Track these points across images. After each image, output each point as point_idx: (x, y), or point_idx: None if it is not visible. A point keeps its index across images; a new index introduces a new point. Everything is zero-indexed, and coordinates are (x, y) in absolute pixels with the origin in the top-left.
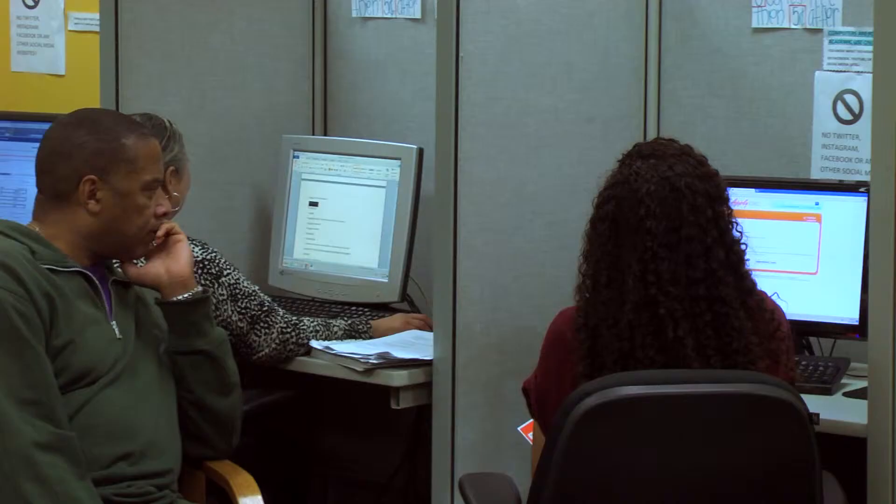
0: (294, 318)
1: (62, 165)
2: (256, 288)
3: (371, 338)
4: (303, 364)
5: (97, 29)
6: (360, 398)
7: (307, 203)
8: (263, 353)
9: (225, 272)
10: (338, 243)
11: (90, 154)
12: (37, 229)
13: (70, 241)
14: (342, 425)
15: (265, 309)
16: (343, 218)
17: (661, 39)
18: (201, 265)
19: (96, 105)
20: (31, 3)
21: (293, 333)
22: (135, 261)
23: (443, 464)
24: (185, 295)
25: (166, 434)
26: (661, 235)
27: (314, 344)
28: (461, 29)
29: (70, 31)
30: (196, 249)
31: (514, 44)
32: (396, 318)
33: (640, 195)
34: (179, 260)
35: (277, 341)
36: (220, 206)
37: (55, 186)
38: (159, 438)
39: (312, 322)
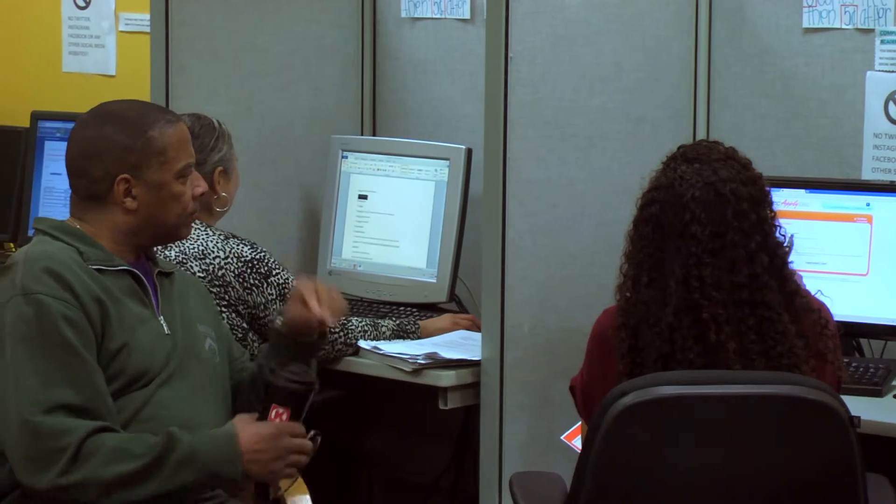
0: (342, 318)
1: (93, 168)
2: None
3: (419, 338)
4: (351, 364)
5: (147, 30)
6: (408, 398)
7: (356, 196)
8: None
9: (274, 272)
10: (387, 236)
11: (120, 153)
12: (79, 226)
13: (113, 239)
14: (390, 425)
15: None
16: (392, 211)
17: (711, 39)
18: (250, 265)
19: None
20: (83, 4)
21: (341, 333)
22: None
23: (490, 464)
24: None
25: (220, 417)
26: (706, 241)
27: (362, 344)
28: (510, 29)
29: (121, 31)
30: (245, 249)
31: (563, 44)
32: (444, 319)
33: (684, 200)
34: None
35: (324, 341)
36: (268, 206)
37: (89, 188)
38: (216, 426)
39: (360, 322)
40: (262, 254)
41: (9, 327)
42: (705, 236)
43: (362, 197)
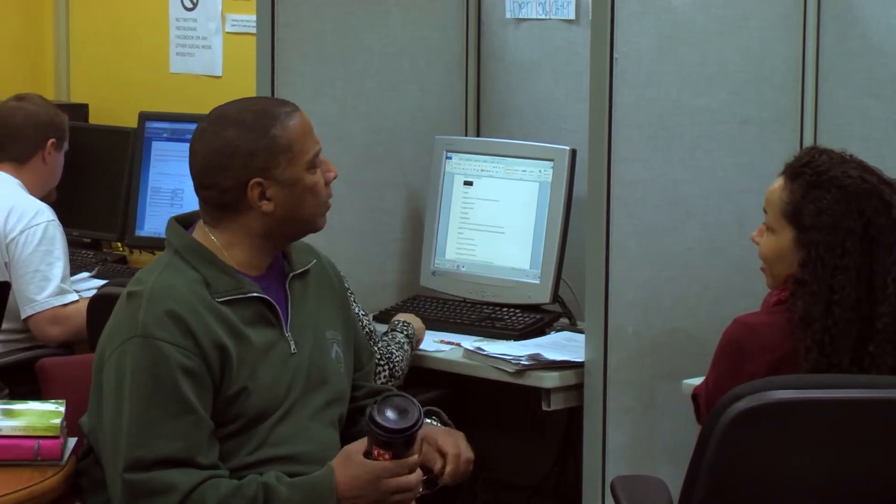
0: (387, 349)
1: (222, 177)
2: (366, 314)
3: (418, 340)
4: (454, 365)
5: (254, 31)
6: (511, 399)
7: (461, 183)
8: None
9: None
10: (492, 222)
11: (246, 158)
12: (212, 237)
13: (249, 245)
14: (492, 426)
15: (366, 331)
16: (496, 210)
17: (819, 40)
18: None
19: None
20: (190, 6)
21: (385, 366)
22: None
23: (593, 466)
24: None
25: (334, 453)
26: None
27: (465, 344)
28: (615, 30)
29: (227, 32)
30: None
31: (669, 44)
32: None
33: (885, 198)
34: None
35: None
36: (372, 206)
37: (221, 198)
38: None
39: (398, 352)
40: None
41: (128, 371)
42: None
43: (468, 183)
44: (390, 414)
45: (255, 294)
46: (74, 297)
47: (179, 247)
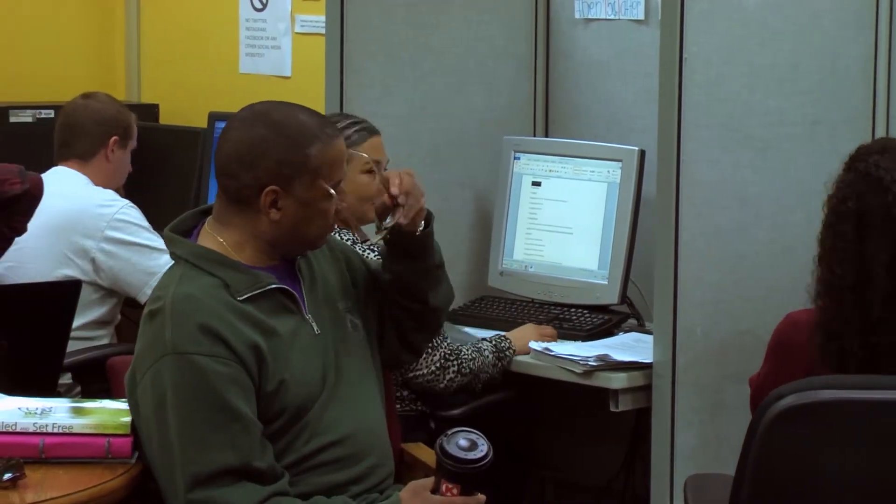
0: (456, 346)
1: (244, 172)
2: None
3: (515, 353)
4: (522, 365)
5: (323, 31)
6: (579, 400)
7: (530, 184)
8: (421, 373)
9: None
10: (560, 223)
11: (274, 164)
12: (220, 239)
13: (256, 247)
14: (560, 427)
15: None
16: (564, 211)
17: (892, 39)
18: None
19: (321, 107)
20: (260, 6)
21: (455, 361)
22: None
23: (662, 467)
24: (422, 229)
25: (381, 429)
26: None
27: (533, 345)
28: (685, 30)
29: (296, 33)
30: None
31: (739, 45)
32: (527, 328)
33: (885, 183)
34: (421, 211)
35: (437, 365)
36: (440, 207)
37: (238, 192)
38: (378, 443)
39: (468, 350)
40: None
41: (167, 390)
42: None
43: (536, 184)
44: (460, 445)
45: (274, 286)
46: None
47: (188, 256)
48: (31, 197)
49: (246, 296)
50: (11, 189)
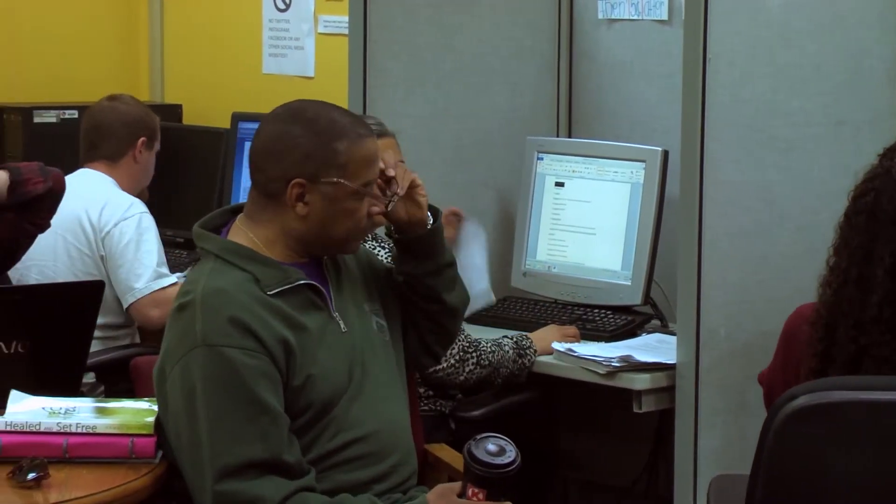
0: (475, 339)
1: (273, 165)
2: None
3: (535, 352)
4: (545, 366)
5: (346, 32)
6: (602, 401)
7: (553, 184)
8: (440, 366)
9: None
10: (583, 224)
11: (301, 157)
12: (251, 235)
13: (286, 244)
14: (583, 428)
15: None
16: (587, 212)
17: None
18: None
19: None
20: (283, 7)
21: (473, 353)
22: None
23: (685, 468)
24: (430, 225)
25: (405, 429)
26: None
27: (556, 346)
28: (708, 30)
29: (319, 33)
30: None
31: (763, 45)
32: (550, 329)
33: None
34: (421, 205)
35: (456, 358)
36: (463, 207)
37: (266, 186)
38: (402, 442)
39: (488, 343)
40: None
41: (197, 382)
42: None
43: (559, 184)
44: (489, 450)
45: (303, 282)
46: (173, 279)
47: (219, 251)
48: (54, 193)
49: (276, 290)
50: (35, 189)
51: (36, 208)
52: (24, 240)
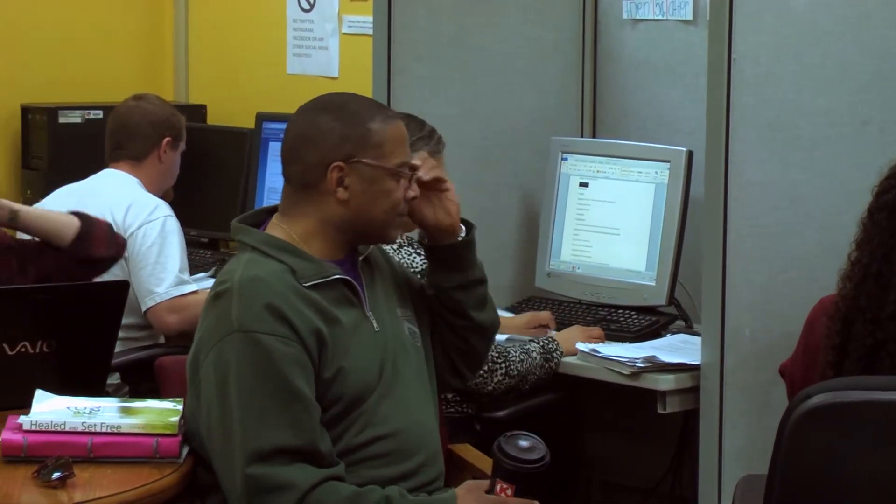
0: (504, 348)
1: (309, 153)
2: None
3: (563, 354)
4: (569, 367)
5: (370, 32)
6: (626, 402)
7: (577, 185)
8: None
9: None
10: (608, 224)
11: (337, 140)
12: (288, 229)
13: (323, 234)
14: (607, 429)
15: None
16: (611, 212)
17: None
18: None
19: None
20: (307, 7)
21: (503, 364)
22: None
23: (710, 469)
24: (461, 237)
25: (432, 430)
26: None
27: (580, 347)
28: (733, 30)
29: (344, 34)
30: (418, 260)
31: (788, 45)
32: (574, 330)
33: None
34: (450, 212)
35: (486, 368)
36: (487, 207)
37: (303, 176)
38: (428, 443)
39: (516, 352)
40: None
41: (231, 367)
42: None
43: (583, 185)
44: (519, 445)
45: (339, 276)
46: (194, 287)
47: (257, 243)
48: (113, 260)
49: (311, 283)
50: (97, 252)
51: (90, 266)
52: (64, 280)
